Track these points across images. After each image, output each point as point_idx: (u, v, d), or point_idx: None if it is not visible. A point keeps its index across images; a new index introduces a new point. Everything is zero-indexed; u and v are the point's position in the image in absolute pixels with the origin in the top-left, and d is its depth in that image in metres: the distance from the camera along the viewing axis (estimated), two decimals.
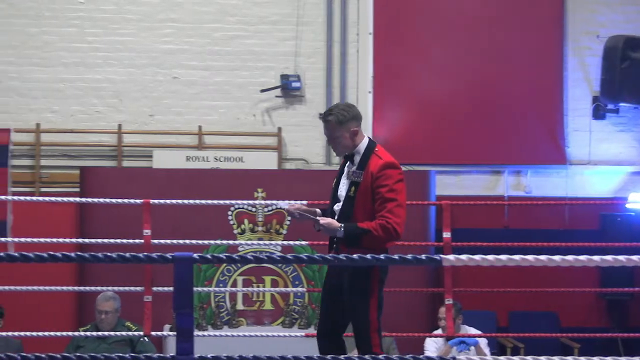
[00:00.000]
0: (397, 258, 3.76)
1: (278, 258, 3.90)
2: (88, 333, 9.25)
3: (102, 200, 8.57)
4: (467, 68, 12.40)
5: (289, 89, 12.30)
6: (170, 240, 8.17)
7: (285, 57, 12.40)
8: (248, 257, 3.83)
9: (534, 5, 12.53)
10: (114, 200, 8.32)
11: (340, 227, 6.07)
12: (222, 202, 8.80)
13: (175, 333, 3.78)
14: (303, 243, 9.37)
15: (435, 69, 12.32)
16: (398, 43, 12.42)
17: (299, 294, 11.02)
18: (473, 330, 9.72)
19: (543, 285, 10.76)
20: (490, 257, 3.70)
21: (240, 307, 11.07)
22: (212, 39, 12.38)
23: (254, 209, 11.04)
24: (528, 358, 3.90)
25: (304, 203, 7.08)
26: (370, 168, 6.15)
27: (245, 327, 10.86)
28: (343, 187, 6.27)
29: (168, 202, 8.39)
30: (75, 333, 9.47)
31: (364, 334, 6.15)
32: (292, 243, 10.01)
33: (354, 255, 3.83)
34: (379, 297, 6.16)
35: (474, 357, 9.09)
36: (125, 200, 8.24)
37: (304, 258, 3.84)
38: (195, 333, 3.78)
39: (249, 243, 10.92)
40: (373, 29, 12.41)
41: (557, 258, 3.66)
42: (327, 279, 6.49)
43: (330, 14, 12.46)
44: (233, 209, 11.06)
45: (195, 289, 9.47)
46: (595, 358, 4.05)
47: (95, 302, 9.52)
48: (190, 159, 11.86)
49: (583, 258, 3.66)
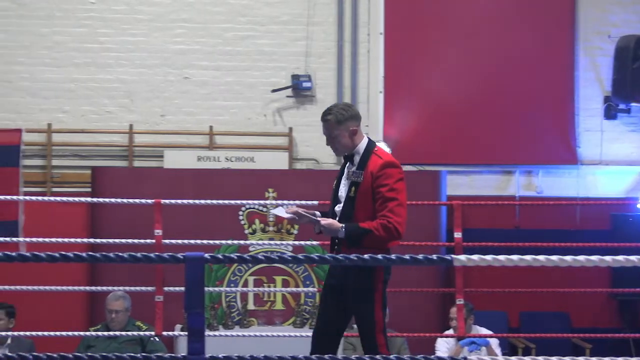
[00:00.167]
0: (408, 258, 3.76)
1: (289, 258, 3.91)
2: (99, 333, 9.26)
3: (113, 200, 8.58)
4: (478, 68, 12.38)
5: (300, 89, 12.30)
6: (182, 240, 8.18)
7: (296, 57, 12.40)
8: (259, 257, 3.84)
9: (545, 6, 12.51)
10: (125, 200, 8.33)
11: (342, 227, 6.04)
12: (233, 202, 8.82)
13: (187, 333, 3.78)
14: (314, 243, 9.38)
15: (446, 69, 12.31)
16: (409, 43, 12.42)
17: (310, 294, 11.01)
18: (484, 331, 9.71)
19: (554, 286, 10.74)
20: (502, 257, 3.69)
21: (252, 307, 11.07)
22: (223, 39, 12.39)
23: (265, 209, 11.04)
24: (539, 358, 3.90)
25: (297, 204, 7.10)
26: (370, 168, 6.11)
27: (257, 327, 10.86)
28: (343, 187, 6.24)
29: (179, 202, 8.40)
30: (87, 333, 9.49)
31: (370, 335, 6.11)
32: (303, 243, 9.99)
33: (365, 255, 3.83)
34: (383, 297, 6.13)
35: (485, 357, 9.08)
36: (137, 200, 8.25)
37: (315, 258, 3.84)
38: (207, 333, 3.78)
39: (260, 243, 10.92)
40: (384, 29, 12.40)
41: (568, 258, 3.66)
42: (327, 279, 6.45)
43: (341, 14, 12.46)
44: (244, 209, 11.06)
45: (207, 289, 9.47)
46: (607, 359, 4.04)
47: (105, 301, 9.54)
48: (202, 159, 11.87)
49: (594, 258, 3.65)
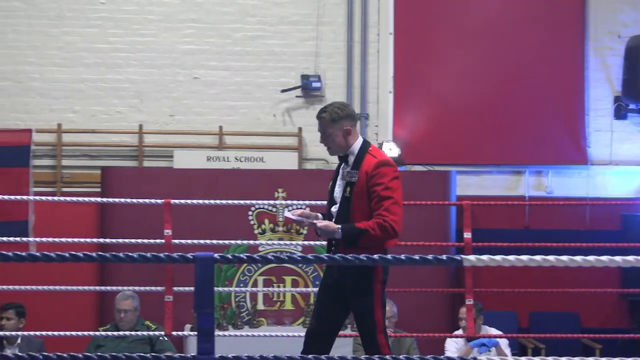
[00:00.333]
0: (417, 258, 3.76)
1: (298, 258, 3.91)
2: (109, 333, 9.27)
3: (123, 200, 8.58)
4: (487, 68, 12.37)
5: (310, 89, 12.29)
6: (191, 240, 8.19)
7: (306, 57, 12.40)
8: (269, 257, 3.84)
9: (556, 5, 12.49)
10: (135, 200, 8.33)
11: (338, 228, 6.03)
12: (242, 202, 8.83)
13: (196, 333, 3.79)
14: (324, 243, 9.35)
15: (456, 69, 12.29)
16: (419, 43, 12.41)
17: None
18: (493, 331, 9.70)
19: (564, 286, 10.71)
20: (512, 257, 3.69)
21: (261, 307, 11.07)
22: (232, 39, 12.40)
23: (275, 209, 11.03)
24: (549, 359, 3.89)
25: (307, 204, 7.09)
26: (365, 167, 6.10)
27: (266, 327, 10.86)
28: (338, 188, 6.23)
29: (189, 202, 8.41)
30: (96, 333, 9.50)
31: (371, 336, 6.08)
32: (312, 243, 9.98)
33: (375, 256, 3.83)
34: (382, 297, 6.11)
35: (495, 357, 9.07)
36: (146, 200, 8.27)
37: (325, 258, 3.84)
38: (216, 333, 3.78)
39: (270, 243, 10.92)
40: (394, 29, 12.39)
41: (578, 258, 3.66)
42: (324, 279, 6.42)
43: (351, 14, 12.45)
44: (254, 209, 11.06)
45: (216, 289, 9.46)
46: (617, 359, 4.03)
47: (114, 301, 9.56)
48: (211, 159, 11.88)
49: (604, 258, 3.65)
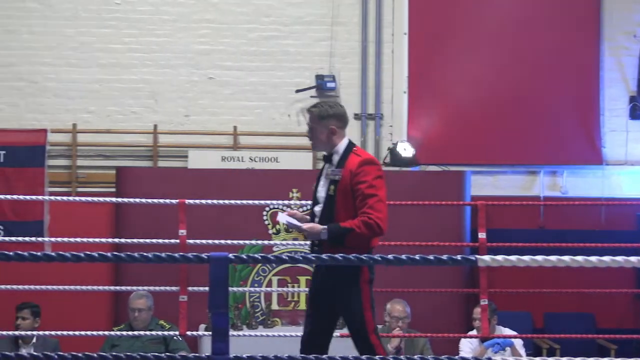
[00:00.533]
0: (432, 258, 3.76)
1: (313, 258, 3.91)
2: (123, 332, 9.29)
3: (137, 200, 8.59)
4: (502, 68, 12.34)
5: (324, 89, 12.29)
6: (206, 240, 8.19)
7: (320, 57, 12.40)
8: (283, 257, 3.84)
9: (570, 5, 12.45)
10: (150, 200, 8.35)
11: (324, 229, 6.00)
12: (257, 202, 8.83)
13: (211, 333, 3.79)
14: None
15: (471, 69, 12.27)
16: (433, 43, 12.39)
17: None
18: (507, 331, 9.68)
19: (579, 286, 10.69)
20: (526, 257, 3.69)
21: (275, 307, 11.07)
22: (247, 40, 12.40)
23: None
24: (564, 359, 3.88)
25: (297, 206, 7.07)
26: (349, 166, 6.09)
27: (280, 327, 10.85)
28: (322, 188, 6.20)
29: (203, 202, 8.41)
30: (111, 332, 9.52)
31: (363, 337, 6.05)
32: None
33: (389, 256, 3.82)
34: (371, 297, 6.08)
35: (509, 357, 9.05)
36: (161, 201, 8.29)
37: (339, 258, 3.84)
38: (231, 333, 3.78)
39: (284, 243, 10.92)
40: (408, 29, 12.38)
41: (593, 259, 3.65)
42: (311, 284, 6.40)
43: (365, 14, 12.44)
44: (268, 209, 11.06)
45: (231, 289, 9.47)
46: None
47: (128, 300, 9.58)
48: (226, 159, 11.89)
49: (620, 259, 3.64)
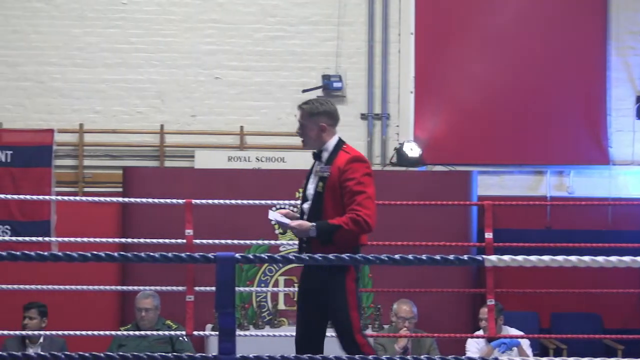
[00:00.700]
0: (439, 258, 3.76)
1: (319, 258, 3.91)
2: (130, 332, 9.29)
3: (144, 200, 8.60)
4: (509, 68, 12.33)
5: (330, 89, 12.28)
6: (212, 240, 8.20)
7: (327, 57, 12.40)
8: (290, 257, 3.84)
9: (577, 5, 12.44)
10: (156, 200, 8.36)
11: (312, 226, 6.03)
12: (263, 202, 8.84)
13: (218, 333, 3.79)
14: None
15: (477, 68, 12.26)
16: (440, 43, 12.38)
17: None
18: (514, 331, 9.67)
19: (586, 287, 10.68)
20: (533, 257, 3.68)
21: (282, 307, 11.07)
22: (253, 40, 12.41)
23: (296, 209, 11.02)
24: (571, 359, 3.88)
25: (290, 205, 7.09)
26: (337, 163, 6.10)
27: (287, 327, 10.85)
28: (311, 185, 6.24)
29: (210, 202, 8.41)
30: (117, 332, 9.53)
31: (348, 337, 6.05)
32: None
33: (396, 256, 3.82)
34: (357, 295, 6.08)
35: (516, 358, 9.05)
36: (168, 200, 8.29)
37: (346, 258, 3.84)
38: (237, 333, 3.78)
39: (291, 243, 10.88)
40: (415, 29, 12.38)
41: (600, 259, 3.64)
42: (299, 285, 6.40)
43: (372, 14, 12.44)
44: (274, 209, 11.02)
45: (237, 289, 9.48)
46: None
47: (135, 300, 9.59)
48: (232, 159, 11.88)
49: (626, 259, 3.64)
